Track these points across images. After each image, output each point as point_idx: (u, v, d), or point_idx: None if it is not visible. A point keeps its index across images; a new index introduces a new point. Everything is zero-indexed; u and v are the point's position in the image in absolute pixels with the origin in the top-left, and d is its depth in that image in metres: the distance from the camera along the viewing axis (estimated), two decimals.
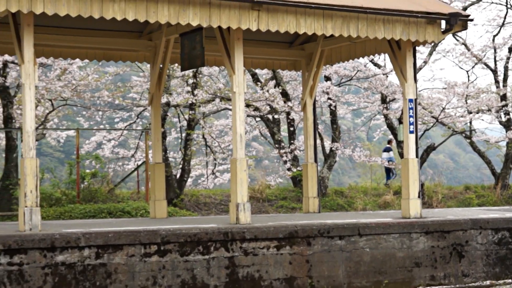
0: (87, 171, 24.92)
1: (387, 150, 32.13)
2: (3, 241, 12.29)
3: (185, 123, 27.14)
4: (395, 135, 29.41)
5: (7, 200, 22.93)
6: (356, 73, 28.64)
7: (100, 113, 28.41)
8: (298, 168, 26.63)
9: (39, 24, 15.21)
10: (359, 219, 16.17)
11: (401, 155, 26.35)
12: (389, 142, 31.94)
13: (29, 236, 12.53)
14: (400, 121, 28.44)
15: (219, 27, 15.17)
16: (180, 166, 26.42)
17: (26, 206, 13.56)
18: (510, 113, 30.79)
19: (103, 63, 24.00)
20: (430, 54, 29.25)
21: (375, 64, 29.09)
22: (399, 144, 28.38)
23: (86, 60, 19.61)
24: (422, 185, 23.52)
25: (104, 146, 28.50)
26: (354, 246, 15.01)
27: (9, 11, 13.55)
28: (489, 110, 30.34)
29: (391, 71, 27.84)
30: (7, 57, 21.93)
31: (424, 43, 17.03)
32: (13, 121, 23.73)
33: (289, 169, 27.11)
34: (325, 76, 27.47)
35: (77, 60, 21.75)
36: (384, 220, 15.87)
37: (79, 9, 13.72)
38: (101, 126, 29.44)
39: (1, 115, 24.69)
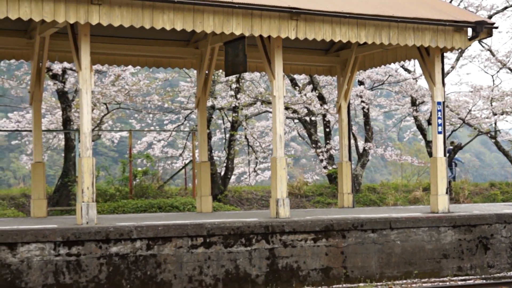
0: (139, 169, 25.04)
1: (450, 152, 31.97)
2: (62, 233, 12.40)
3: (228, 124, 27.17)
4: (424, 135, 29.18)
5: (65, 196, 23.10)
6: (388, 77, 28.46)
7: (151, 115, 28.52)
8: (334, 166, 26.53)
9: (95, 34, 15.32)
10: (391, 214, 16.09)
11: (430, 154, 26.12)
12: (452, 143, 31.72)
13: (86, 229, 12.63)
14: (429, 122, 28.22)
15: (260, 36, 15.16)
16: (224, 164, 26.45)
17: (83, 201, 13.67)
18: None
19: (154, 69, 24.13)
20: (457, 59, 28.97)
21: (406, 69, 28.89)
22: (428, 144, 28.14)
23: (138, 67, 19.73)
24: (449, 182, 23.30)
25: (154, 146, 28.64)
26: (385, 239, 14.92)
27: (68, 23, 13.70)
28: None
29: (421, 75, 27.61)
30: (66, 64, 22.12)
31: (451, 49, 16.89)
32: (71, 123, 23.91)
33: (325, 167, 27.02)
34: (358, 81, 27.34)
35: (130, 67, 21.88)
36: (414, 215, 15.77)
37: (131, 20, 13.82)
38: (152, 128, 29.52)
39: (60, 118, 24.91)
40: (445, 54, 18.11)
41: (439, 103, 16.90)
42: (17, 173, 51.96)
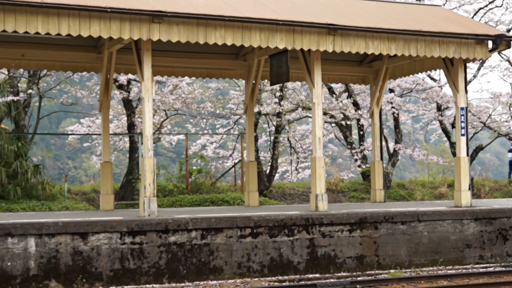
0: (194, 168, 25.15)
1: (511, 151, 31.68)
2: (127, 224, 12.51)
3: (273, 128, 27.18)
4: (448, 137, 28.82)
5: (130, 191, 23.30)
6: (416, 86, 28.16)
7: (204, 120, 28.66)
8: (367, 165, 26.35)
9: (155, 49, 15.43)
10: (418, 208, 15.94)
11: (454, 154, 25.79)
12: None
13: (147, 221, 12.73)
14: (453, 125, 27.85)
15: (301, 49, 15.14)
16: (269, 163, 26.45)
17: (145, 196, 13.78)
18: None
19: (207, 80, 24.22)
20: (479, 69, 28.56)
21: (432, 78, 28.58)
22: (452, 145, 27.79)
23: (193, 78, 19.79)
24: (472, 179, 23.00)
25: (207, 147, 28.74)
26: (414, 230, 14.79)
27: (132, 39, 13.83)
28: None
29: (445, 84, 27.31)
30: (130, 76, 22.34)
31: (473, 60, 16.67)
32: (135, 127, 24.12)
33: (359, 166, 26.85)
34: (389, 89, 27.11)
35: (186, 77, 21.95)
36: (440, 209, 15.60)
37: (187, 36, 13.89)
38: (205, 131, 29.65)
39: (125, 123, 25.15)
40: (467, 64, 17.87)
41: (462, 108, 16.70)
42: (88, 171, 52.56)
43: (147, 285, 12.44)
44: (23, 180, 20.78)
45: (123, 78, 23.07)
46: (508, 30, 28.06)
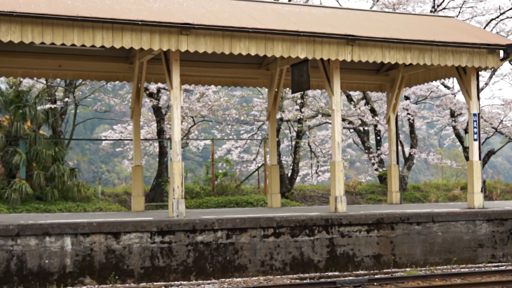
0: (220, 171, 25.19)
1: None
2: (157, 224, 12.55)
3: (294, 134, 27.12)
4: (461, 142, 28.59)
5: (159, 193, 23.37)
6: (430, 93, 27.97)
7: (230, 126, 28.67)
8: (384, 169, 26.22)
9: (183, 59, 15.49)
10: (433, 209, 15.82)
11: (467, 158, 25.57)
12: None
13: (176, 221, 12.75)
14: (465, 131, 27.62)
15: (321, 59, 15.11)
16: (291, 167, 26.40)
17: (174, 198, 13.81)
18: None
19: (232, 88, 24.26)
20: (490, 77, 28.30)
21: (445, 86, 28.38)
22: (465, 149, 27.56)
23: (219, 86, 19.87)
24: (484, 182, 22.78)
25: (232, 152, 28.76)
26: (428, 230, 14.68)
27: (161, 50, 13.90)
28: None
29: (458, 91, 27.10)
30: (160, 84, 22.41)
31: (485, 68, 16.55)
32: (164, 133, 24.20)
33: (376, 169, 26.72)
34: (405, 96, 26.96)
35: (212, 86, 22.04)
36: (453, 210, 15.47)
37: (213, 47, 13.92)
38: (230, 137, 29.67)
39: (155, 129, 25.24)
40: (479, 72, 17.74)
41: (474, 114, 16.56)
42: (120, 174, 52.83)
43: (176, 282, 12.45)
44: (60, 183, 20.94)
45: (153, 87, 23.16)
46: None
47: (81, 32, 12.93)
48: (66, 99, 23.79)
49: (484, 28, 26.87)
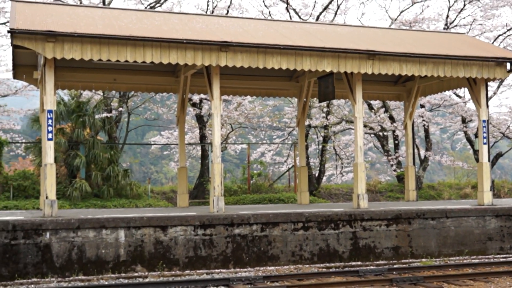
0: (255, 172, 25.22)
1: None
2: (200, 219, 12.60)
3: (321, 138, 27.05)
4: (472, 146, 28.20)
5: (202, 191, 23.48)
6: (443, 102, 27.66)
7: (263, 132, 28.74)
8: (401, 170, 25.99)
9: (223, 73, 15.55)
10: (446, 206, 15.62)
11: (477, 160, 25.21)
12: None
13: (216, 216, 12.79)
14: (476, 135, 27.24)
15: (345, 72, 15.04)
16: (318, 168, 26.32)
17: (214, 195, 13.85)
18: None
19: (265, 98, 24.27)
20: (498, 87, 27.89)
21: (457, 95, 28.03)
22: (475, 152, 27.18)
23: (254, 97, 19.87)
24: (492, 182, 22.42)
25: (266, 154, 28.78)
26: (442, 225, 14.49)
27: (203, 65, 13.97)
28: None
29: (469, 100, 26.76)
30: (202, 95, 22.55)
31: (493, 79, 16.30)
32: (206, 138, 24.32)
33: (394, 170, 26.50)
34: (420, 104, 26.70)
35: (248, 96, 22.06)
36: (465, 206, 15.26)
37: (249, 62, 13.95)
38: (264, 141, 29.70)
39: (198, 135, 25.38)
40: (488, 83, 17.47)
41: (484, 121, 16.33)
42: (167, 175, 53.15)
43: (216, 270, 12.49)
44: (114, 182, 21.16)
45: (196, 98, 23.30)
46: None
47: (133, 50, 13.06)
48: (120, 109, 24.07)
49: (492, 43, 26.49)
